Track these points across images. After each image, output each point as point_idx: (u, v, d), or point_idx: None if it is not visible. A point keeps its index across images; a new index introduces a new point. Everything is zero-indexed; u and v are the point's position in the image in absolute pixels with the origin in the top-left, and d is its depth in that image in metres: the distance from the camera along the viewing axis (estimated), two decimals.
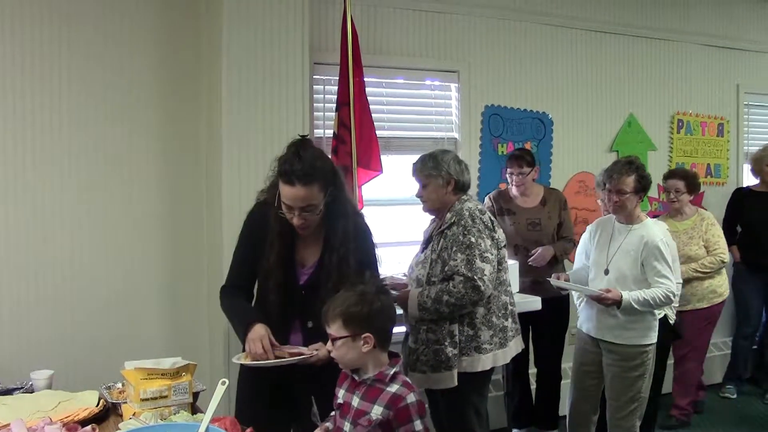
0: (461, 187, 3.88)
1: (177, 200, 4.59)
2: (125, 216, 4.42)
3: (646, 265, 4.07)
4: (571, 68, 5.92)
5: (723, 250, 5.31)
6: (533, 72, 5.74)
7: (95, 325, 4.33)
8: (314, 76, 4.96)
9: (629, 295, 4.00)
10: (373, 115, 5.10)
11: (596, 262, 4.31)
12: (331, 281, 2.94)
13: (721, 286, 5.42)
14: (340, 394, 2.62)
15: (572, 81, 5.92)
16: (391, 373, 2.52)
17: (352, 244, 3.00)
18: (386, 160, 4.97)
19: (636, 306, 3.99)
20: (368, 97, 5.00)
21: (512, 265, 4.45)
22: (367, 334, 2.49)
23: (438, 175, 3.85)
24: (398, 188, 5.21)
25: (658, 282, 4.02)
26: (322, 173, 2.90)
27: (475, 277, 3.54)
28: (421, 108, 5.41)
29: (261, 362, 2.87)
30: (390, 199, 5.31)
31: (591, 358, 4.35)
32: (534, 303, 4.62)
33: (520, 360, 4.61)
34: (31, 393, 3.12)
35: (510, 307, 3.84)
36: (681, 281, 4.56)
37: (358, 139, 4.73)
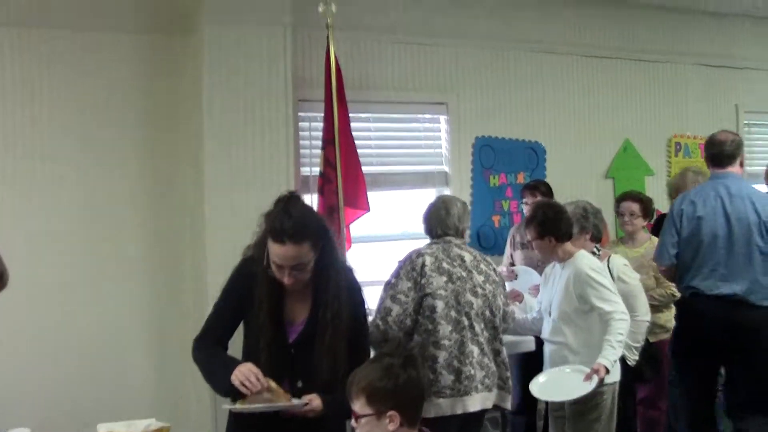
0: (431, 232, 4.07)
1: (162, 249, 4.71)
2: (108, 266, 4.53)
3: (584, 297, 4.13)
4: (562, 95, 6.07)
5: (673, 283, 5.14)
6: (524, 100, 5.89)
7: (76, 380, 4.42)
8: (300, 114, 5.10)
9: (603, 357, 3.91)
10: (360, 150, 5.23)
11: (544, 306, 4.42)
12: (326, 337, 2.96)
13: (670, 321, 5.18)
14: None
15: (564, 108, 6.06)
16: None
17: (345, 299, 3.02)
18: (375, 196, 5.11)
19: (617, 356, 3.97)
20: (355, 133, 5.14)
21: None
22: (393, 412, 2.44)
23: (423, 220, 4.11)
24: (388, 225, 5.33)
25: (601, 308, 4.01)
26: (312, 231, 2.92)
27: (378, 316, 3.72)
28: (410, 142, 5.58)
29: (252, 406, 2.85)
30: (380, 236, 5.41)
31: (558, 403, 4.38)
32: (527, 343, 4.68)
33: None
34: None
35: (454, 363, 3.78)
36: (648, 315, 4.50)
37: (344, 178, 4.84)
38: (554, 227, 4.22)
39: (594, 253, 4.62)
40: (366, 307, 3.19)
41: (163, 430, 3.00)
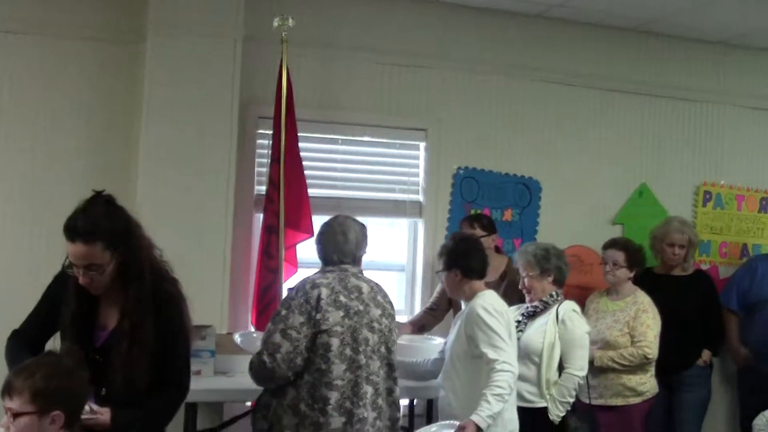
0: (325, 259, 3.85)
1: None
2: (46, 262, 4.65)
3: (473, 339, 3.89)
4: (569, 129, 5.85)
5: (649, 344, 4.87)
6: (518, 132, 5.72)
7: None
8: (259, 131, 5.16)
9: (478, 414, 3.68)
10: (325, 173, 5.30)
11: (446, 348, 4.21)
12: (122, 347, 2.96)
13: (643, 384, 4.94)
14: None
15: (569, 143, 5.84)
16: None
17: (149, 310, 3.01)
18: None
19: (493, 412, 3.70)
20: (321, 155, 5.22)
21: None
22: (58, 412, 2.47)
23: (316, 242, 3.93)
24: None
25: (485, 353, 3.79)
26: (106, 232, 2.94)
27: (265, 352, 3.54)
28: (383, 168, 5.51)
29: None
30: None
31: None
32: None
33: None
34: None
35: (347, 405, 3.60)
36: (583, 371, 4.30)
37: (286, 198, 4.84)
38: (463, 260, 4.06)
39: (552, 296, 4.44)
40: (183, 320, 3.14)
41: None
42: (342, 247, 3.83)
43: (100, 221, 2.94)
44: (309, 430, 3.55)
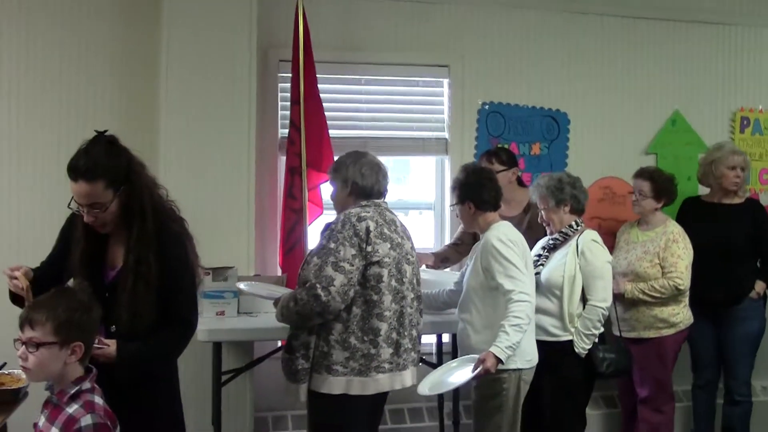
0: (362, 192, 3.87)
1: None
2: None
3: (489, 270, 3.92)
4: (596, 59, 5.78)
5: (680, 274, 4.81)
6: (543, 64, 5.67)
7: None
8: (280, 74, 5.23)
9: (496, 345, 3.73)
10: (350, 114, 5.36)
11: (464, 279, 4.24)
12: (128, 283, 3.07)
13: (676, 315, 4.90)
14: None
15: (597, 74, 5.77)
16: (73, 391, 2.63)
17: (153, 246, 3.11)
18: None
19: (512, 343, 3.75)
20: (345, 95, 5.29)
21: None
22: (79, 343, 2.62)
23: (337, 177, 3.92)
24: None
25: (501, 284, 3.83)
26: (108, 170, 3.04)
27: (319, 285, 3.54)
28: (407, 106, 5.53)
29: None
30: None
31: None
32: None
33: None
34: None
35: (393, 336, 3.72)
36: (606, 302, 4.29)
37: (307, 139, 4.91)
38: (475, 193, 4.10)
39: (572, 227, 4.44)
40: (188, 257, 3.24)
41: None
42: (380, 181, 3.90)
43: (102, 160, 3.04)
44: (359, 363, 3.64)
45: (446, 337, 5.06)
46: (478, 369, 3.72)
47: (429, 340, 5.07)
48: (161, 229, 3.16)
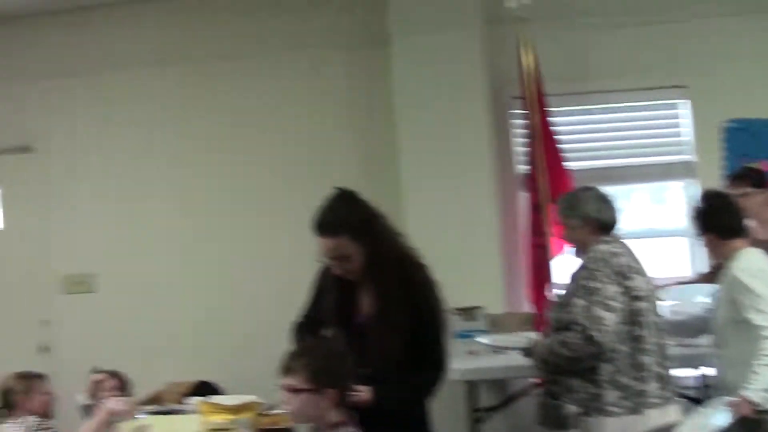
0: (602, 227, 3.85)
1: None
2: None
3: (736, 303, 3.70)
4: None
5: None
6: None
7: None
8: (513, 111, 5.41)
9: (748, 388, 3.48)
10: (584, 144, 5.39)
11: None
12: (378, 330, 3.25)
13: None
14: None
15: None
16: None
17: (398, 293, 3.26)
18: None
19: (762, 382, 3.49)
20: (578, 126, 5.41)
21: None
22: (331, 390, 2.82)
23: (574, 215, 3.90)
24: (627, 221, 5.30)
25: (750, 319, 3.58)
26: (351, 224, 3.24)
27: (591, 327, 3.51)
28: (643, 131, 5.49)
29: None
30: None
31: None
32: None
33: None
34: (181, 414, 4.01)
35: (656, 370, 3.65)
36: None
37: (546, 175, 4.99)
38: (714, 221, 3.93)
39: None
40: (433, 302, 3.35)
41: (253, 405, 3.54)
42: (616, 214, 3.87)
43: (344, 215, 3.26)
44: (632, 401, 3.57)
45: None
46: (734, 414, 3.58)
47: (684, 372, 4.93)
48: (406, 276, 3.31)
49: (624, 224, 3.90)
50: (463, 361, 4.37)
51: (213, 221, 5.70)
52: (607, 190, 3.95)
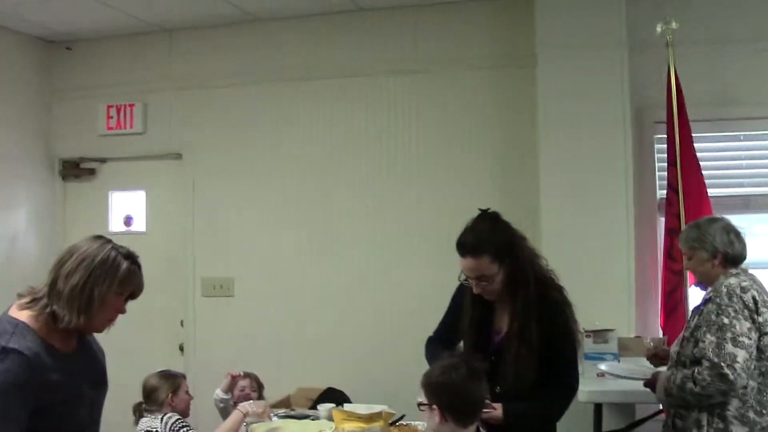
0: (731, 260, 3.82)
1: None
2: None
3: None
4: None
5: None
6: None
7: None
8: (656, 136, 5.36)
9: None
10: (728, 171, 5.30)
11: None
12: (512, 348, 3.36)
13: None
14: None
15: None
16: None
17: (535, 313, 3.36)
18: (748, 220, 5.09)
19: None
20: (723, 153, 5.31)
21: None
22: (434, 406, 2.92)
23: (701, 247, 3.86)
24: (762, 250, 5.19)
25: None
26: (493, 246, 3.36)
27: (723, 364, 3.46)
28: None
29: None
30: (753, 263, 5.26)
31: None
32: None
33: None
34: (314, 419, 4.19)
35: None
36: None
37: (685, 201, 4.94)
38: None
39: None
40: (568, 323, 3.44)
41: (384, 415, 3.64)
42: (745, 247, 3.86)
43: (486, 237, 3.37)
44: None
45: None
46: None
47: None
48: (543, 297, 3.40)
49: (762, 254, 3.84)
50: (592, 383, 4.36)
51: (351, 231, 5.89)
52: (747, 218, 3.91)
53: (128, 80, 6.40)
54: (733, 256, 3.79)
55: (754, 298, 3.60)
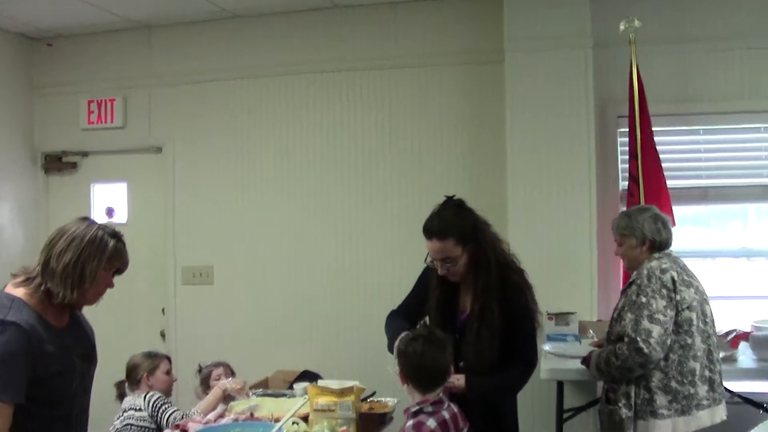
0: (658, 246, 4.16)
1: None
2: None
3: None
4: None
5: None
6: None
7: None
8: (619, 130, 5.62)
9: None
10: (688, 164, 5.55)
11: None
12: (473, 327, 3.59)
13: None
14: None
15: None
16: (413, 410, 3.21)
17: (496, 295, 3.59)
18: (705, 210, 5.45)
19: None
20: (682, 146, 5.56)
21: None
22: (401, 370, 3.28)
23: (631, 234, 4.21)
24: (723, 240, 5.55)
25: None
26: (458, 229, 3.59)
27: (639, 339, 3.81)
28: (749, 153, 5.59)
29: None
30: (713, 251, 5.57)
31: None
32: None
33: None
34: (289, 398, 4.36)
35: (706, 373, 3.94)
36: None
37: (646, 192, 5.19)
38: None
39: None
40: (528, 305, 3.67)
41: (355, 390, 3.83)
42: (671, 234, 4.22)
43: (451, 221, 3.61)
44: (682, 404, 3.88)
45: None
46: None
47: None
48: (503, 280, 3.63)
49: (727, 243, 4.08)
50: (552, 361, 4.63)
51: (322, 220, 6.13)
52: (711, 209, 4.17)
53: (109, 76, 6.60)
54: (659, 243, 4.16)
55: (672, 278, 3.95)
